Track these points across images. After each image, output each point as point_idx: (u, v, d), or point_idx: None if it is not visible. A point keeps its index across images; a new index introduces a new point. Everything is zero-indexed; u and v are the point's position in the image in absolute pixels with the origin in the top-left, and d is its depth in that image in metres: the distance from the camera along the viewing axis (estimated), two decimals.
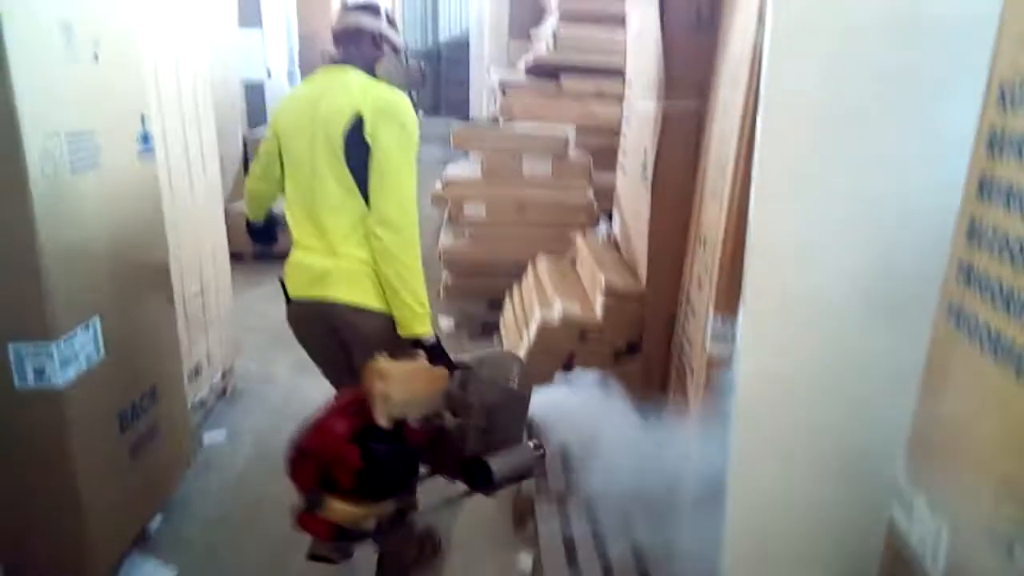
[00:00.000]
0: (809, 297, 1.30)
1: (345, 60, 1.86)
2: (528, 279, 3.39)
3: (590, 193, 3.84)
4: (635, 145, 2.87)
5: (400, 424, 1.53)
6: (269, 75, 6.09)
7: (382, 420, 1.51)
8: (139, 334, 2.09)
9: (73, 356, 1.74)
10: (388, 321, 1.80)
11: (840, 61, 1.18)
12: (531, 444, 1.75)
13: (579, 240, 3.37)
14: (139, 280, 2.09)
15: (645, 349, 2.74)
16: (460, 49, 13.75)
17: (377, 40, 1.90)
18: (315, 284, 1.83)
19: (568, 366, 2.82)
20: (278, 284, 1.96)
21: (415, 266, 1.77)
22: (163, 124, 2.45)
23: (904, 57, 1.16)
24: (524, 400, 1.76)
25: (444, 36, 14.89)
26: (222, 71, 4.86)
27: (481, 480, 1.62)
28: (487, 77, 5.63)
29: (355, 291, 1.79)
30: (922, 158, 1.18)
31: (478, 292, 3.88)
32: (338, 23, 1.93)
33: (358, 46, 1.88)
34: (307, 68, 6.65)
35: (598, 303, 2.78)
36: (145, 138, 2.09)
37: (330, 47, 1.92)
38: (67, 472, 1.74)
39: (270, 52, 6.06)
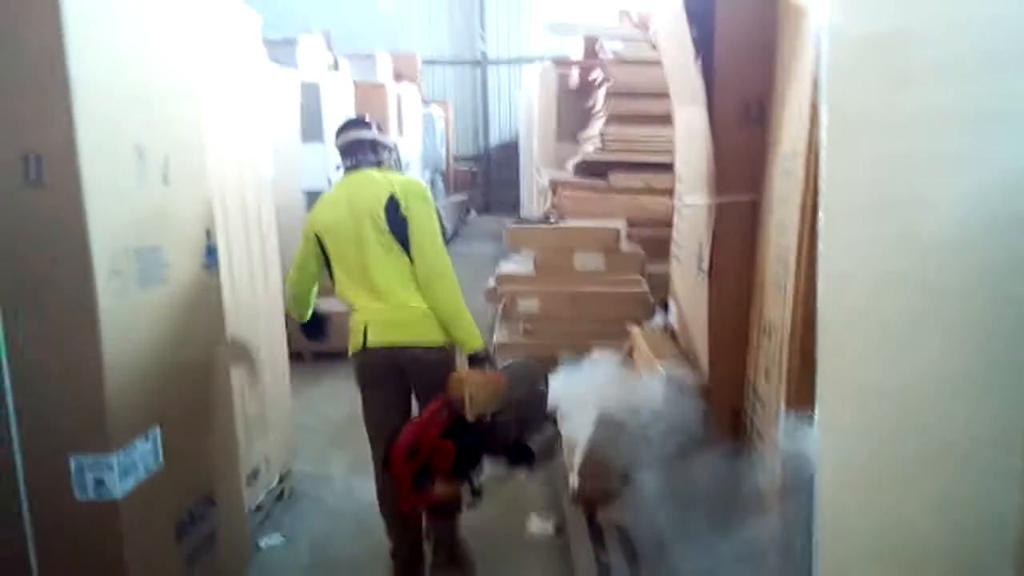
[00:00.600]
0: (893, 388, 1.22)
1: (358, 165, 2.42)
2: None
3: (644, 285, 3.80)
4: (689, 237, 2.85)
5: (478, 420, 2.11)
6: (329, 184, 6.38)
7: (471, 416, 2.10)
8: (199, 440, 2.10)
9: (132, 466, 1.75)
10: (444, 352, 2.32)
11: (898, 149, 1.15)
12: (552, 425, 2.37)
13: (635, 331, 3.31)
14: (200, 388, 2.12)
15: (711, 445, 2.61)
16: (509, 151, 14.29)
17: (373, 145, 2.47)
18: (390, 331, 2.30)
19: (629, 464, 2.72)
20: (335, 385, 2.55)
21: (460, 299, 2.30)
22: (227, 235, 2.56)
23: (964, 143, 1.12)
24: (544, 395, 2.45)
25: (494, 140, 15.50)
26: (285, 181, 5.13)
27: (524, 459, 2.26)
28: (537, 177, 5.77)
29: (423, 332, 2.29)
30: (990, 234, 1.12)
31: None
32: (341, 140, 2.49)
33: (363, 152, 2.44)
34: None
35: (658, 395, 2.69)
36: (210, 251, 2.18)
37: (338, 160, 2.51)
38: None
39: (331, 163, 6.39)
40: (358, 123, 2.53)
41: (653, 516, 2.60)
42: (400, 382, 2.36)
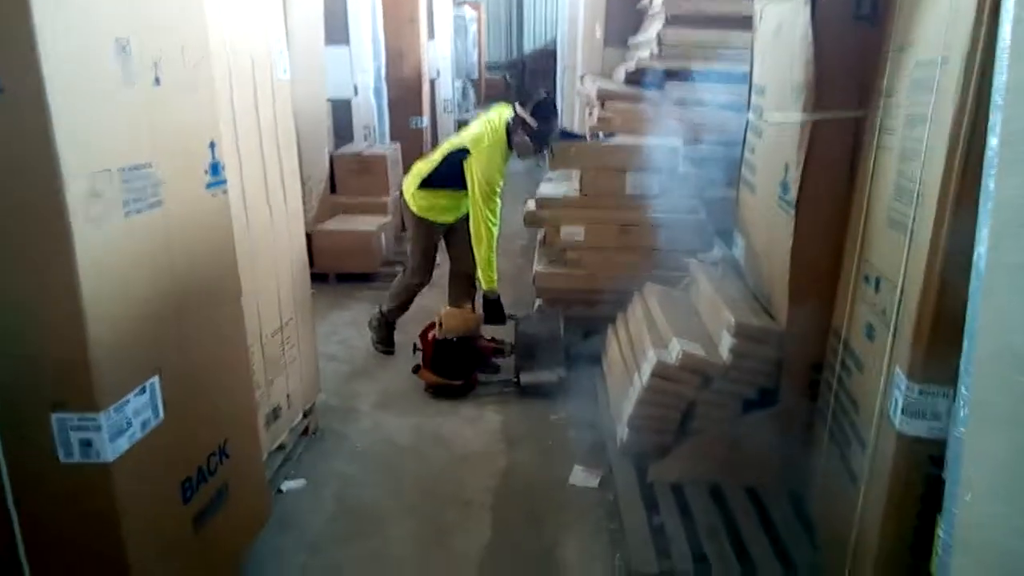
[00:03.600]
0: None
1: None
2: (636, 311, 3.00)
3: (703, 213, 3.42)
4: (769, 161, 2.45)
5: (460, 338, 3.24)
6: (356, 92, 5.95)
7: (439, 335, 3.22)
8: (208, 386, 1.84)
9: (126, 424, 1.49)
10: None
11: None
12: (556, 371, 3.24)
13: (695, 267, 2.96)
14: (208, 327, 1.84)
15: (784, 401, 2.31)
16: (545, 58, 13.52)
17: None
18: None
19: (687, 416, 2.44)
20: (361, 309, 3.96)
21: (490, 254, 3.35)
22: (238, 149, 2.23)
23: None
24: (559, 338, 3.28)
25: (528, 46, 14.68)
26: (307, 88, 4.73)
27: (466, 376, 3.29)
28: (580, 87, 5.28)
29: None
30: None
31: (574, 322, 3.52)
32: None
33: None
34: (393, 84, 6.49)
35: (724, 344, 2.37)
36: (215, 168, 1.85)
37: None
38: (118, 562, 1.50)
39: (357, 69, 5.92)
40: None
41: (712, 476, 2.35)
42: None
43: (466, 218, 3.39)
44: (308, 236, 4.63)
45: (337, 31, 5.62)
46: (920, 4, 1.68)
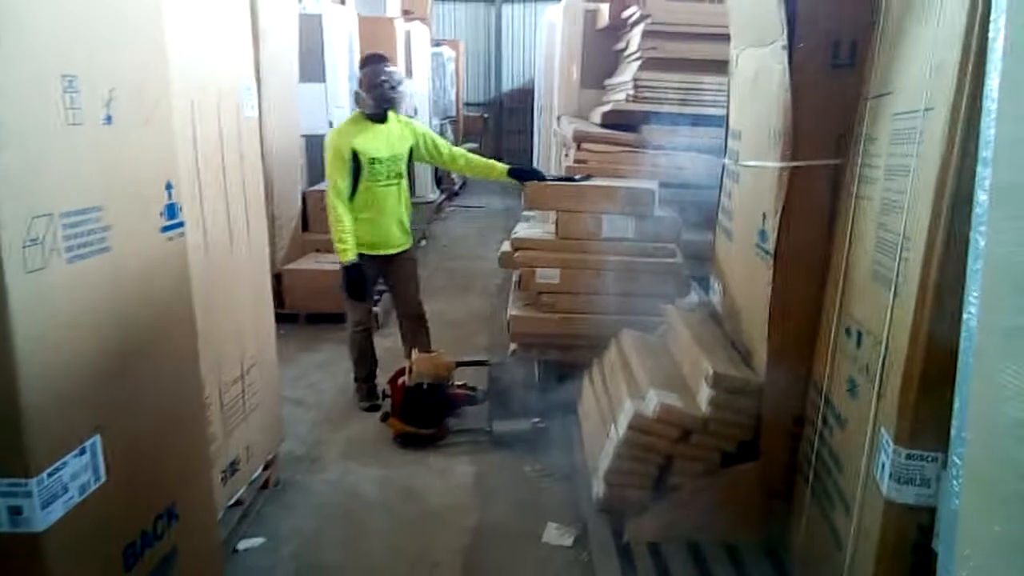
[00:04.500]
0: None
1: None
2: (611, 357, 2.93)
3: (679, 256, 3.38)
4: (746, 207, 2.42)
5: (431, 385, 3.12)
6: (331, 127, 5.89)
7: (408, 381, 3.11)
8: (157, 444, 1.72)
9: (61, 490, 1.37)
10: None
11: None
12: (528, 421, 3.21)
13: (672, 312, 2.90)
14: (158, 380, 1.73)
15: (764, 455, 2.24)
16: (522, 97, 13.66)
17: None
18: None
19: (664, 470, 2.35)
20: (331, 351, 3.82)
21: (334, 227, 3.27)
22: (200, 190, 2.14)
23: None
24: (533, 385, 3.26)
25: (506, 85, 14.83)
26: (280, 124, 4.67)
27: (432, 425, 3.17)
28: (556, 128, 5.28)
29: None
30: None
31: (549, 368, 3.44)
32: None
33: None
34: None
35: (703, 395, 2.30)
36: (171, 210, 1.76)
37: None
38: None
39: (332, 105, 5.88)
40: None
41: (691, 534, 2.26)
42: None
43: (403, 255, 3.43)
44: (278, 275, 4.55)
45: (313, 69, 5.59)
46: (899, 52, 1.66)
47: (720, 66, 3.20)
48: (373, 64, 3.28)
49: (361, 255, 3.27)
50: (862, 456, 1.61)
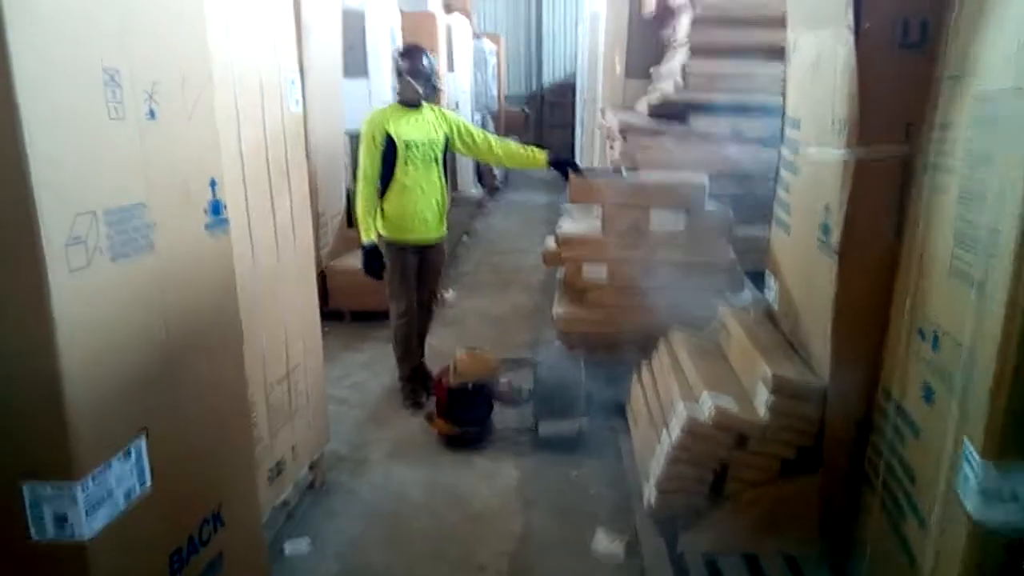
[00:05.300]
0: None
1: None
2: (662, 358, 2.83)
3: (731, 252, 3.26)
4: (806, 200, 2.30)
5: (476, 385, 3.06)
6: None
7: (452, 381, 3.06)
8: (202, 446, 1.69)
9: (106, 495, 1.35)
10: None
11: None
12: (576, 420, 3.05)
13: (725, 312, 2.79)
14: (204, 381, 1.70)
15: (827, 463, 2.12)
16: (563, 91, 13.52)
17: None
18: None
19: (719, 477, 2.25)
20: (376, 350, 3.91)
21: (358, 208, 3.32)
22: (244, 186, 2.12)
23: None
24: (579, 385, 3.05)
25: (548, 79, 14.70)
26: (325, 121, 4.66)
27: (474, 425, 3.12)
28: (601, 120, 5.17)
29: None
30: None
31: (596, 367, 3.35)
32: None
33: None
34: None
35: (760, 399, 2.20)
36: (216, 207, 1.73)
37: None
38: None
39: (376, 101, 5.87)
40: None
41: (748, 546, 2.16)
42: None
43: (437, 246, 3.48)
44: (322, 273, 4.54)
45: (356, 64, 5.57)
46: (981, 27, 1.53)
47: (772, 53, 3.06)
48: (415, 51, 3.39)
49: (401, 247, 3.31)
50: (940, 468, 1.50)
